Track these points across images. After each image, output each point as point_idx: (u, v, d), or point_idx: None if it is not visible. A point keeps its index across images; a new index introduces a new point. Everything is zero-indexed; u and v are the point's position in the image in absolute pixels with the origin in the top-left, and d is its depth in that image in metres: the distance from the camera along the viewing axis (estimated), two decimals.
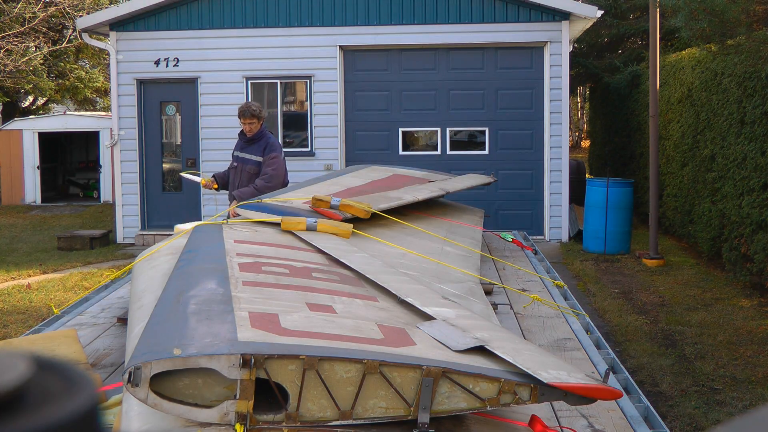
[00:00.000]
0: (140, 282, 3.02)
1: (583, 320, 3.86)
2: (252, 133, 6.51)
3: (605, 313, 7.94)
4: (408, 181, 5.73)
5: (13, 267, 10.96)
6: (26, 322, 7.71)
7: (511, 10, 11.78)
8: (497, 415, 2.14)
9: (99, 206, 18.21)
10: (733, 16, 6.43)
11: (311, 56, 12.04)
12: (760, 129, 8.20)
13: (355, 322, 2.26)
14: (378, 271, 3.09)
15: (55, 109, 25.43)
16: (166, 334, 1.95)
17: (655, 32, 10.59)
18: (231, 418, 1.79)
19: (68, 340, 3.14)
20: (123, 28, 12.25)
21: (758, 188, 8.22)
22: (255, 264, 2.85)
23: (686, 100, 10.96)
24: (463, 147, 12.28)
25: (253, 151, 6.53)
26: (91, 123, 19.07)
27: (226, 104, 12.22)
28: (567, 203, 11.97)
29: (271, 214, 3.96)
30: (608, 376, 2.21)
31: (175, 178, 12.63)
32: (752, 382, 5.95)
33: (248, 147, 6.56)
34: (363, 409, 1.87)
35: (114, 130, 12.47)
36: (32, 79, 18.99)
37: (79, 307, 4.06)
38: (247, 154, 6.53)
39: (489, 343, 2.14)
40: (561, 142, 11.88)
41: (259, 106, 6.56)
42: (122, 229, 12.59)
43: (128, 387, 1.74)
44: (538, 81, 11.95)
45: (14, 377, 0.48)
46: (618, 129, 15.73)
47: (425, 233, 4.49)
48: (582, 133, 33.42)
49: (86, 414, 0.48)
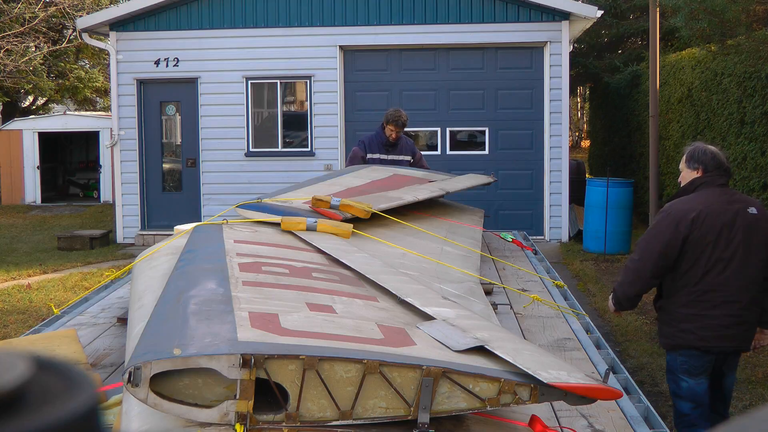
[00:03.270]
0: (140, 282, 3.02)
1: (583, 320, 3.86)
2: (395, 140, 6.88)
3: (605, 313, 7.94)
4: (408, 181, 5.73)
5: (13, 267, 10.95)
6: (26, 322, 7.71)
7: (511, 10, 11.78)
8: (497, 415, 2.14)
9: (99, 206, 18.21)
10: (733, 16, 6.43)
11: (311, 56, 12.04)
12: (760, 129, 8.20)
13: (355, 322, 2.26)
14: (378, 271, 3.09)
15: (55, 109, 25.43)
16: (166, 334, 1.95)
17: (655, 32, 10.59)
18: (231, 418, 1.79)
19: (68, 340, 3.14)
20: (123, 28, 12.25)
21: (758, 188, 8.22)
22: (255, 264, 2.85)
23: (686, 100, 10.96)
24: (463, 147, 12.28)
25: (400, 152, 6.91)
26: (91, 123, 19.07)
27: (226, 104, 12.23)
28: (567, 203, 11.97)
29: (271, 214, 3.96)
30: (608, 376, 2.21)
31: (174, 177, 12.63)
32: (752, 382, 5.95)
33: (393, 150, 6.90)
34: (363, 409, 1.87)
35: (114, 130, 12.47)
36: (32, 79, 18.99)
37: (79, 307, 4.06)
38: (397, 155, 6.89)
39: (489, 343, 2.14)
40: (561, 142, 11.87)
41: (407, 116, 6.94)
42: (122, 229, 12.59)
43: (128, 387, 1.74)
44: (538, 81, 11.95)
45: (14, 377, 0.48)
46: (618, 129, 15.72)
47: (425, 233, 4.49)
48: (582, 133, 33.41)
49: (86, 414, 0.48)
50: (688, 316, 3.82)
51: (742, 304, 3.80)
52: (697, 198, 3.82)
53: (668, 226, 3.79)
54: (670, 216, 3.81)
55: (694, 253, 3.76)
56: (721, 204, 3.80)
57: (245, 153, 12.29)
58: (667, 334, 3.94)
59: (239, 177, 12.17)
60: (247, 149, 12.30)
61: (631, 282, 3.90)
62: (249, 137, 12.30)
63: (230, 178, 12.20)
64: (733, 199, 3.88)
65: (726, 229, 3.76)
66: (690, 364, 3.87)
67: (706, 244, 3.75)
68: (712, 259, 3.75)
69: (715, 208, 3.78)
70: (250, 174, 12.16)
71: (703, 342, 3.81)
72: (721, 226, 3.75)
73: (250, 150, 12.30)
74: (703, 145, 4.01)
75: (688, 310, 3.82)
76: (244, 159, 12.29)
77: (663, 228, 3.81)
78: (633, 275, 3.88)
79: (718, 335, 3.80)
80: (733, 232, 3.76)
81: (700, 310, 3.79)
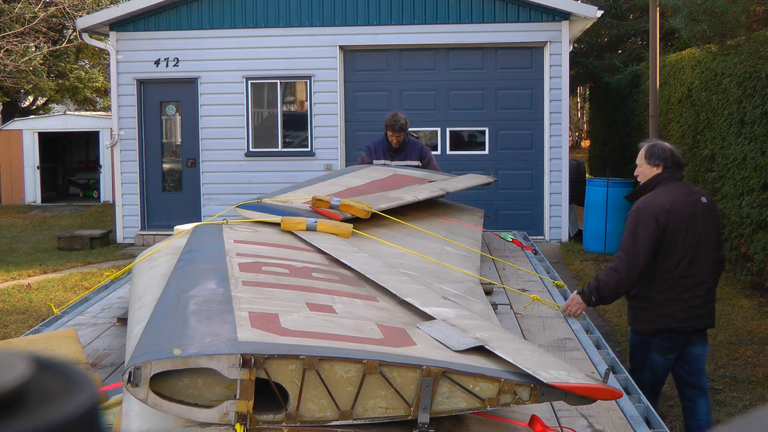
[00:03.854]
0: (140, 282, 3.02)
1: (583, 320, 3.86)
2: (400, 144, 6.75)
3: (605, 313, 7.94)
4: (408, 181, 5.72)
5: (13, 267, 10.95)
6: (26, 322, 7.71)
7: (511, 10, 11.78)
8: (497, 415, 2.14)
9: (99, 206, 18.21)
10: (733, 17, 6.43)
11: (311, 56, 12.05)
12: (760, 129, 8.20)
13: (355, 322, 2.26)
14: (378, 271, 3.09)
15: (55, 109, 25.43)
16: (166, 334, 1.95)
17: (655, 32, 10.59)
18: (231, 418, 1.79)
19: (68, 340, 3.14)
20: (123, 28, 12.25)
21: (758, 188, 8.22)
22: (255, 264, 2.85)
23: (686, 100, 10.96)
24: (463, 147, 12.28)
25: (406, 157, 6.78)
26: (91, 123, 19.07)
27: (226, 104, 12.24)
28: (567, 203, 11.97)
29: (271, 214, 3.95)
30: (608, 376, 2.21)
31: (174, 177, 12.64)
32: (752, 382, 5.95)
33: (399, 154, 6.78)
34: (363, 409, 1.87)
35: (114, 130, 12.47)
36: (32, 79, 18.99)
37: (79, 307, 4.06)
38: (402, 160, 6.76)
39: (489, 343, 2.14)
40: (561, 142, 11.88)
41: (405, 118, 6.76)
42: (122, 229, 12.59)
43: (128, 387, 1.74)
44: (538, 81, 11.95)
45: (14, 377, 0.48)
46: (618, 129, 15.72)
47: (425, 233, 4.49)
48: (582, 133, 33.41)
49: (86, 414, 0.48)
50: (666, 301, 4.14)
51: (709, 285, 4.20)
52: (665, 193, 4.14)
53: (650, 221, 4.06)
54: (647, 212, 4.09)
55: (670, 243, 4.08)
56: (684, 196, 4.16)
57: (245, 153, 12.29)
58: (645, 320, 4.24)
59: (239, 177, 12.18)
60: (247, 149, 12.30)
61: (626, 279, 4.10)
62: (249, 137, 12.30)
63: (230, 178, 12.20)
64: (691, 191, 4.25)
65: (691, 219, 4.12)
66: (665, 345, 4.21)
67: (678, 234, 4.08)
68: (684, 248, 4.09)
69: (681, 200, 4.13)
70: (250, 174, 12.17)
71: (681, 323, 4.16)
72: (688, 216, 4.11)
73: (250, 150, 12.30)
74: (660, 142, 4.40)
75: (665, 296, 4.14)
76: (244, 159, 12.29)
77: (645, 224, 4.07)
78: (627, 273, 4.08)
79: (693, 315, 4.17)
80: (696, 222, 4.13)
81: (676, 295, 4.13)
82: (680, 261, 4.09)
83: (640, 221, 4.09)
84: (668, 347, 4.23)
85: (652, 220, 4.04)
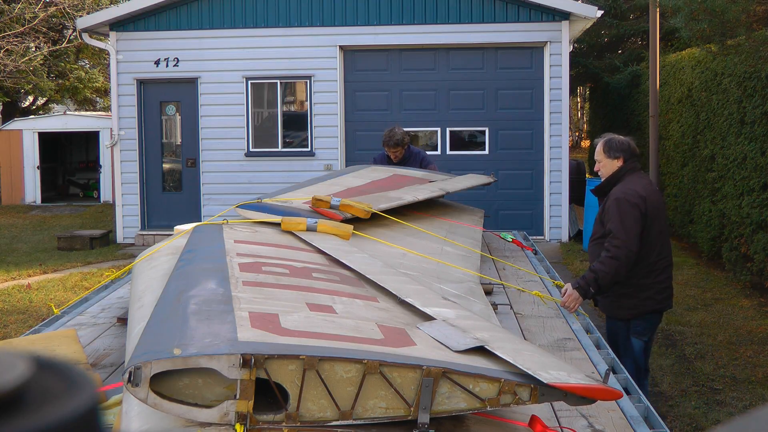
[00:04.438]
0: (140, 282, 3.02)
1: (583, 320, 3.86)
2: (399, 159, 6.62)
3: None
4: (408, 181, 5.72)
5: (13, 267, 10.95)
6: (26, 322, 7.72)
7: (511, 10, 11.78)
8: (497, 415, 2.14)
9: (99, 206, 18.21)
10: (733, 17, 6.44)
11: (311, 56, 12.05)
12: (760, 129, 8.20)
13: (355, 322, 2.26)
14: (378, 272, 3.08)
15: (55, 109, 25.43)
16: (166, 334, 1.95)
17: (655, 32, 10.59)
18: (231, 418, 1.79)
19: (68, 340, 3.14)
20: (123, 28, 12.25)
21: (758, 188, 8.22)
22: (255, 264, 2.85)
23: (686, 100, 10.96)
24: (463, 147, 12.28)
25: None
26: (91, 123, 19.07)
27: (226, 104, 12.24)
28: (567, 203, 11.96)
29: (271, 215, 3.95)
30: (608, 377, 2.21)
31: (174, 177, 12.64)
32: (752, 382, 5.95)
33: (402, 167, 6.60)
34: (363, 409, 1.87)
35: (114, 130, 12.47)
36: (32, 79, 18.99)
37: (79, 307, 4.06)
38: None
39: (489, 344, 2.14)
40: (561, 142, 11.87)
41: (402, 133, 6.61)
42: (122, 229, 12.59)
43: (128, 387, 1.74)
44: (538, 81, 11.95)
45: (14, 377, 0.48)
46: (618, 129, 15.66)
47: (425, 233, 4.49)
48: (582, 133, 33.41)
49: (86, 414, 0.48)
50: (647, 285, 4.35)
51: (672, 266, 4.52)
52: (634, 182, 4.32)
53: (632, 209, 4.22)
54: (628, 200, 4.24)
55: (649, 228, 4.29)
56: (650, 185, 4.41)
57: (245, 153, 12.29)
58: (629, 306, 4.42)
59: (239, 177, 12.18)
60: (247, 149, 12.30)
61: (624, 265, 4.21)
62: (249, 137, 12.30)
63: (230, 178, 12.20)
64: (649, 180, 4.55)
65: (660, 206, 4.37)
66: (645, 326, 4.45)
67: (653, 220, 4.29)
68: (657, 232, 4.33)
69: (650, 188, 4.36)
70: (250, 174, 12.17)
71: (660, 304, 4.42)
72: (656, 203, 4.33)
73: (250, 150, 12.30)
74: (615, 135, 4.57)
75: (646, 279, 4.35)
76: (244, 159, 12.29)
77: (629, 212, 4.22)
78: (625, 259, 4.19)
79: (667, 296, 4.44)
80: (661, 208, 4.39)
81: (654, 278, 4.36)
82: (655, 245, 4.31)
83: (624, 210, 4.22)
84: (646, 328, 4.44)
85: (634, 208, 4.21)
